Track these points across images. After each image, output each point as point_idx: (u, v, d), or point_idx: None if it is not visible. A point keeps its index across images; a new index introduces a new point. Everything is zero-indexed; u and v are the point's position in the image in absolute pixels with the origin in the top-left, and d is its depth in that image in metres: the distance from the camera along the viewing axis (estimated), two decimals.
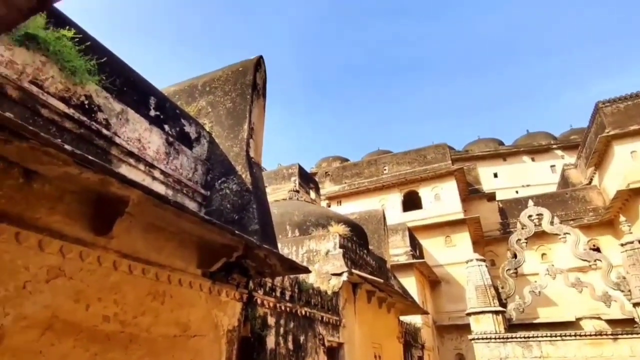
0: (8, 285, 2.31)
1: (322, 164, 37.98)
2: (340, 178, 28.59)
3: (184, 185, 3.62)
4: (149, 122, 3.28)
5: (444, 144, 26.99)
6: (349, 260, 8.55)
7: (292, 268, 4.50)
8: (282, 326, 5.75)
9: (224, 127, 4.16)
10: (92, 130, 2.89)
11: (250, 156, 4.01)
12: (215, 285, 4.08)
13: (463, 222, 23.22)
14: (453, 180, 24.65)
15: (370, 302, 10.09)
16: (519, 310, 11.80)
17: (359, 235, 10.59)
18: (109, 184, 2.49)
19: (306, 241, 8.69)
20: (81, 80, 2.73)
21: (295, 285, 6.41)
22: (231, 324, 4.44)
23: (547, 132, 39.76)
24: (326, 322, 7.43)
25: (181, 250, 3.57)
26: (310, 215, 9.77)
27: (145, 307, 3.17)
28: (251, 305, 4.99)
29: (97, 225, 2.79)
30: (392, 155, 29.11)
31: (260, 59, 4.45)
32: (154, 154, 3.31)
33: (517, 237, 12.68)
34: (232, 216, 3.84)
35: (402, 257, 20.00)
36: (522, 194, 31.13)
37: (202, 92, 4.47)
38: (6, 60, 2.41)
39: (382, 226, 13.30)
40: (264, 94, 4.53)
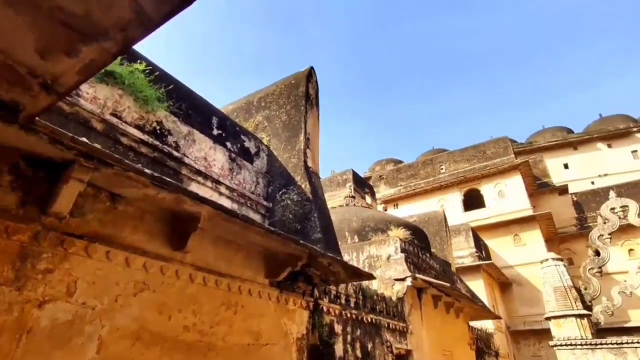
0: (103, 300, 2.55)
1: (375, 168, 37.55)
2: (395, 181, 28.05)
3: (248, 199, 3.77)
4: (212, 141, 3.47)
5: (505, 138, 25.44)
6: (412, 265, 8.33)
7: (355, 275, 4.48)
8: (349, 333, 5.72)
9: (281, 139, 4.28)
10: (164, 152, 3.12)
11: (308, 166, 4.08)
12: (282, 294, 4.17)
13: (532, 218, 21.60)
14: (518, 174, 23.08)
15: (437, 308, 9.71)
16: (608, 313, 10.68)
17: (420, 239, 10.28)
18: (182, 202, 2.66)
19: (366, 247, 8.62)
20: (152, 108, 2.97)
21: (360, 292, 6.36)
22: (300, 332, 4.51)
23: (625, 115, 35.83)
24: (393, 328, 7.27)
25: (249, 261, 3.70)
26: (369, 220, 9.68)
27: (220, 317, 3.32)
28: (317, 313, 5.03)
29: (173, 241, 2.99)
30: (449, 153, 27.99)
31: (311, 70, 4.53)
32: (219, 171, 3.49)
33: (599, 233, 11.54)
34: (294, 226, 3.92)
35: (467, 259, 19.06)
36: (598, 185, 28.29)
37: (258, 108, 4.65)
38: (90, 97, 2.70)
39: (444, 228, 12.80)
40: (317, 104, 4.60)
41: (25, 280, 2.21)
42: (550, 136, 36.74)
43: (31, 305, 2.22)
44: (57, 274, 2.35)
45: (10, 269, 2.17)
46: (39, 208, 2.32)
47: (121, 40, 1.27)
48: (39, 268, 2.28)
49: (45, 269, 2.30)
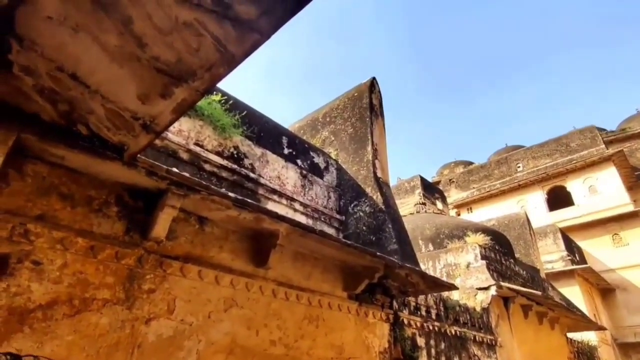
0: (198, 316, 2.75)
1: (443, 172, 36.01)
2: (466, 183, 26.62)
3: (321, 213, 3.84)
4: (284, 160, 3.62)
5: (592, 127, 22.93)
6: (495, 272, 7.77)
7: (435, 285, 4.30)
8: (433, 347, 5.48)
9: (349, 152, 4.31)
10: (242, 175, 3.32)
11: (378, 176, 4.05)
12: (361, 307, 4.14)
13: (635, 215, 19.00)
14: (611, 166, 20.57)
15: (527, 318, 8.92)
16: None
17: (501, 244, 9.59)
18: (262, 220, 2.80)
19: (443, 255, 8.25)
20: (229, 134, 3.19)
21: (440, 303, 6.08)
22: (382, 345, 4.42)
23: None
24: (479, 341, 6.81)
25: (326, 275, 3.75)
26: (443, 226, 9.28)
27: (303, 331, 3.39)
28: (398, 325, 4.90)
29: (255, 258, 3.14)
30: (526, 149, 25.88)
31: (373, 80, 4.52)
32: (292, 188, 3.61)
33: None
34: (369, 237, 3.90)
35: (557, 263, 17.30)
36: None
37: (323, 123, 4.75)
38: (176, 130, 2.97)
39: (527, 230, 11.81)
40: (382, 114, 4.57)
41: (134, 300, 2.46)
42: None
43: (140, 323, 2.46)
44: (159, 293, 2.59)
45: (122, 289, 2.44)
46: (140, 234, 2.59)
47: (208, 79, 1.39)
48: (144, 288, 2.53)
49: (149, 289, 2.55)
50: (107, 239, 2.45)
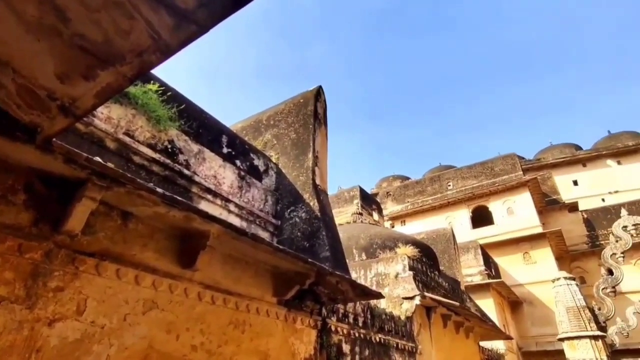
0: (112, 318, 2.54)
1: (382, 184, 37.48)
2: (402, 197, 27.94)
3: (257, 216, 3.78)
4: (222, 159, 3.51)
5: (513, 154, 25.35)
6: (420, 283, 8.20)
7: (364, 293, 4.43)
8: (358, 354, 5.61)
9: (290, 157, 4.31)
10: (175, 171, 3.16)
11: (317, 184, 4.09)
12: (290, 313, 4.13)
13: (542, 236, 21.27)
14: (526, 191, 22.88)
15: (446, 327, 9.51)
16: (623, 334, 10.37)
17: (428, 256, 10.16)
18: (192, 220, 2.68)
19: (374, 264, 8.53)
20: (164, 127, 3.03)
21: (368, 311, 6.26)
22: (307, 351, 4.43)
23: (634, 131, 35.56)
24: (401, 349, 7.12)
25: (257, 280, 3.68)
26: (376, 237, 9.61)
27: (228, 336, 3.29)
28: (325, 332, 4.95)
29: (182, 259, 2.99)
30: (456, 170, 27.90)
31: (320, 89, 4.59)
32: (229, 189, 3.51)
33: (611, 252, 11.31)
34: (303, 244, 3.91)
35: (476, 277, 18.74)
36: (609, 202, 27.88)
37: (267, 126, 4.70)
38: (105, 117, 2.76)
39: (452, 245, 12.65)
40: (326, 122, 4.64)
41: (37, 299, 2.22)
42: (558, 153, 36.49)
43: (41, 324, 2.22)
44: (68, 292, 2.36)
45: (22, 287, 2.19)
46: (52, 226, 2.35)
47: (138, 65, 1.31)
48: (50, 286, 2.29)
49: (57, 287, 2.31)
50: (9, 229, 2.18)
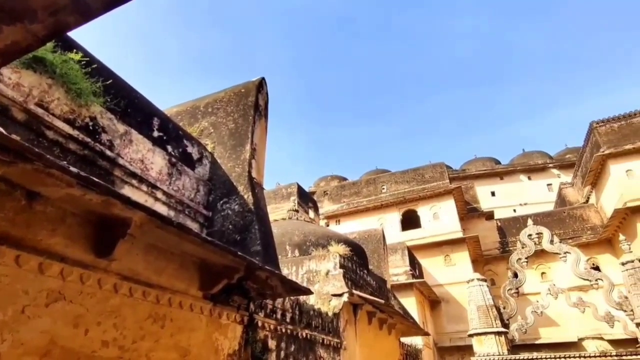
0: (7, 310, 2.26)
1: (320, 183, 38.01)
2: (339, 197, 28.58)
3: (186, 206, 3.60)
4: (152, 143, 3.29)
5: (442, 163, 27.18)
6: (350, 281, 8.45)
7: (293, 289, 4.43)
8: (283, 349, 5.62)
9: (226, 147, 4.17)
10: (96, 151, 2.89)
11: (253, 177, 4.01)
12: (216, 308, 4.00)
13: (462, 240, 23.12)
14: (451, 199, 24.69)
15: (371, 324, 9.91)
16: (522, 330, 11.62)
17: (359, 255, 10.50)
18: (111, 205, 2.47)
19: (306, 261, 8.60)
20: (86, 102, 2.75)
21: (296, 307, 6.30)
22: (232, 347, 4.34)
23: (543, 151, 40.15)
24: (327, 344, 7.27)
25: (182, 272, 3.52)
26: (310, 235, 9.71)
27: (145, 331, 3.10)
28: (252, 327, 4.88)
29: (98, 247, 2.75)
30: (391, 174, 29.23)
31: (262, 80, 4.50)
32: (157, 175, 3.30)
33: (517, 256, 12.61)
34: (234, 237, 3.81)
35: (401, 276, 19.80)
36: (519, 213, 31.12)
37: (204, 113, 4.50)
38: (13, 83, 2.43)
39: (382, 245, 13.21)
40: (266, 115, 4.56)
41: None
42: (481, 165, 39.98)
43: None
44: None
45: None
46: None
47: (52, 25, 1.16)
48: None
49: None
50: None
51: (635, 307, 10.27)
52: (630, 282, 10.59)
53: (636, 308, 10.25)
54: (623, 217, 20.43)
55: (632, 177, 20.36)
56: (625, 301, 10.63)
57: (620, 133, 21.30)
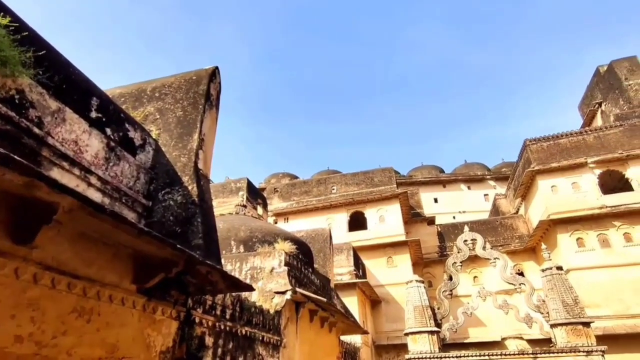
0: None
1: (271, 180, 37.69)
2: (289, 195, 28.51)
3: (124, 194, 3.38)
4: (88, 124, 3.05)
5: (391, 168, 28.11)
6: (294, 279, 8.45)
7: (235, 286, 4.34)
8: (221, 347, 5.49)
9: (173, 135, 3.98)
10: (21, 127, 2.62)
11: (199, 167, 3.86)
12: (150, 303, 3.81)
13: (405, 243, 24.09)
14: (397, 203, 25.62)
15: (312, 322, 10.00)
16: (453, 330, 12.35)
17: (305, 254, 10.55)
18: (35, 188, 2.26)
19: (251, 258, 8.48)
20: (13, 72, 2.48)
21: (237, 304, 6.19)
22: (165, 344, 4.16)
23: (482, 164, 43.05)
24: (267, 342, 7.22)
25: (115, 264, 3.31)
26: (257, 231, 9.59)
27: (68, 326, 2.87)
28: (188, 324, 4.71)
29: (17, 233, 2.50)
30: (341, 175, 29.70)
31: (216, 69, 4.35)
32: (92, 159, 3.07)
33: (453, 260, 13.38)
34: (174, 229, 3.65)
35: (345, 276, 20.20)
36: (458, 220, 33.10)
37: (150, 98, 4.25)
38: None
39: (328, 245, 13.38)
40: (217, 106, 4.42)
41: None
42: (427, 173, 42.01)
43: None
44: None
45: None
46: None
47: None
48: None
49: None
50: None
51: (551, 309, 11.33)
52: (547, 287, 11.66)
53: (552, 311, 11.31)
54: (546, 228, 22.47)
55: (556, 192, 22.45)
56: (543, 304, 11.68)
57: (548, 152, 23.41)
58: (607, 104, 26.21)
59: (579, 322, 10.80)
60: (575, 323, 10.79)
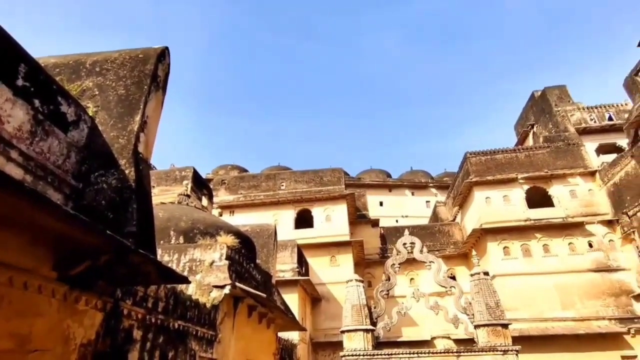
0: None
1: (219, 171, 36.66)
2: (236, 188, 27.92)
3: (50, 173, 3.10)
4: (12, 93, 2.75)
5: (340, 169, 28.57)
6: (234, 273, 8.30)
7: (169, 277, 4.17)
8: (150, 340, 5.24)
9: (112, 115, 3.71)
10: None
11: (139, 151, 3.64)
12: (72, 292, 3.54)
13: (349, 244, 24.62)
14: (344, 203, 26.11)
15: (250, 317, 9.89)
16: (387, 329, 12.85)
17: (248, 248, 10.39)
18: None
19: (190, 250, 8.19)
20: None
21: (172, 297, 5.95)
22: (87, 337, 3.89)
23: (427, 172, 45.27)
24: (201, 337, 7.02)
25: (34, 249, 3.03)
26: (199, 222, 9.28)
27: None
28: (115, 316, 4.45)
29: None
30: (291, 172, 29.66)
31: (166, 50, 4.13)
32: (14, 131, 2.77)
33: (392, 262, 13.92)
34: (107, 214, 3.42)
35: (288, 273, 20.22)
36: (401, 223, 34.51)
37: (90, 72, 3.93)
38: None
39: (272, 241, 13.30)
40: (164, 89, 4.19)
41: None
42: (375, 176, 43.30)
43: None
44: None
45: None
46: None
47: None
48: None
49: None
50: None
51: (476, 311, 12.21)
52: (474, 291, 12.54)
53: (476, 312, 12.19)
54: (478, 236, 24.14)
55: (489, 203, 24.21)
56: (469, 306, 12.54)
57: (486, 165, 25.17)
58: (539, 126, 28.75)
59: (499, 323, 11.75)
60: (495, 324, 11.72)
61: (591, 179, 23.76)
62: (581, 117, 26.07)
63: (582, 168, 23.92)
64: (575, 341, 19.39)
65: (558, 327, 20.10)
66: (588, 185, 23.66)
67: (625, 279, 20.98)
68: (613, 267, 21.45)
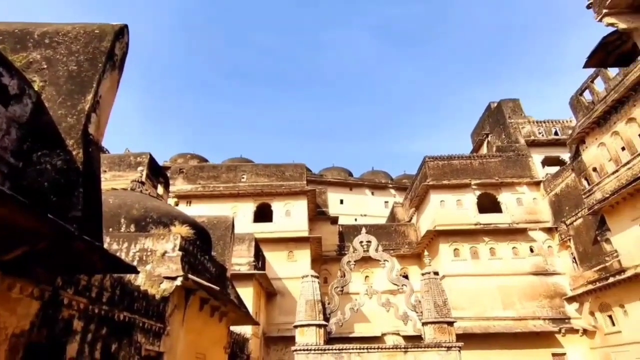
0: None
1: (177, 160, 35.41)
2: (195, 178, 27.13)
3: None
4: None
5: (303, 165, 28.57)
6: (187, 265, 8.09)
7: (115, 266, 3.99)
8: (92, 332, 5.00)
9: (61, 91, 3.47)
10: None
11: (89, 132, 3.44)
12: (5, 278, 3.31)
13: (307, 239, 24.73)
14: (305, 199, 26.16)
15: (202, 310, 9.69)
16: (339, 324, 13.06)
17: (204, 240, 10.16)
18: None
19: (142, 239, 7.88)
20: None
21: (118, 287, 5.70)
22: (20, 326, 3.65)
23: (386, 173, 46.37)
24: (147, 329, 6.79)
25: None
26: (152, 211, 8.94)
27: None
28: (54, 305, 4.20)
29: None
30: (253, 165, 29.27)
31: (125, 28, 3.91)
32: None
33: (348, 259, 14.15)
34: (49, 197, 3.20)
35: (244, 266, 19.99)
36: (359, 222, 35.11)
37: (38, 43, 3.64)
38: None
39: (230, 234, 13.09)
40: (121, 69, 3.98)
41: None
42: (336, 174, 43.74)
43: None
44: None
45: None
46: None
47: None
48: None
49: None
50: None
51: (425, 309, 12.71)
52: (424, 290, 13.06)
53: (425, 310, 12.70)
54: (431, 237, 25.13)
55: (443, 206, 25.25)
56: (418, 304, 13.04)
57: (442, 170, 26.21)
58: (493, 136, 30.33)
59: (445, 321, 12.31)
60: (442, 322, 12.27)
61: (536, 188, 25.45)
62: (531, 130, 27.82)
63: (529, 178, 25.55)
64: (512, 339, 20.77)
65: (498, 325, 21.41)
66: (533, 194, 25.33)
67: (560, 282, 22.73)
68: (550, 271, 23.16)
